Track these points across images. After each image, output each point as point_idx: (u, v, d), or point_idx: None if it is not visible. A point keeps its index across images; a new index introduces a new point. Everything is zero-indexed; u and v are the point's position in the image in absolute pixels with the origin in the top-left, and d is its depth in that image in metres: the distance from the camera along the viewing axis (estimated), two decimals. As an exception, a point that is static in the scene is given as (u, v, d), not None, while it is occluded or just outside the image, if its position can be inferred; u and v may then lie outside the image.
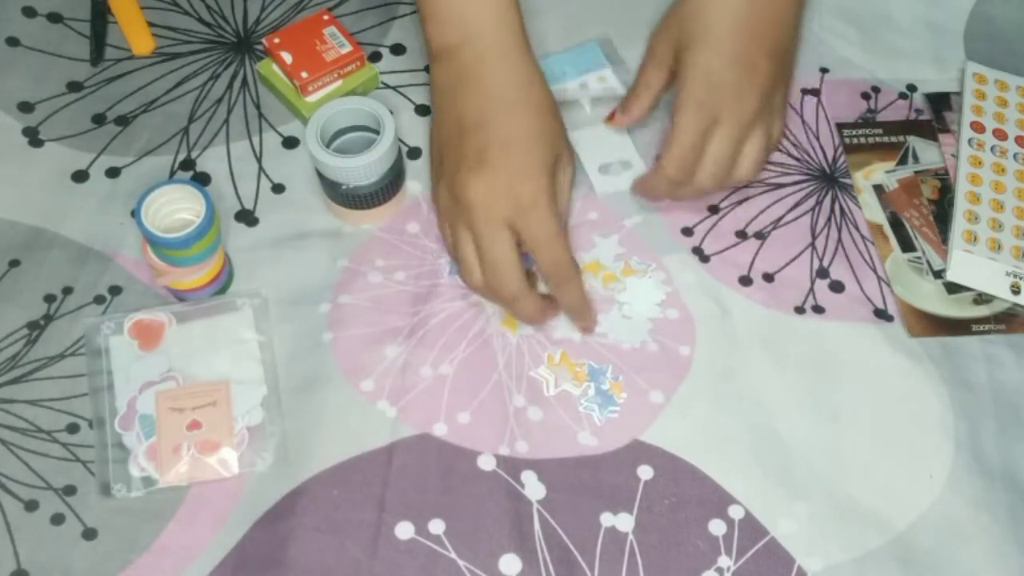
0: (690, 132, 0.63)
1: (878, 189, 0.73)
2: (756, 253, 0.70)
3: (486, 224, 0.60)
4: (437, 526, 0.59)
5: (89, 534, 0.58)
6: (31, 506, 0.59)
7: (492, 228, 0.60)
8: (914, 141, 0.75)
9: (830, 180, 0.73)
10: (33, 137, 0.73)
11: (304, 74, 0.72)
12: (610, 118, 0.72)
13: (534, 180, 0.60)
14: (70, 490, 0.59)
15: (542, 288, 0.66)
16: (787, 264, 0.69)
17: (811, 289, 0.68)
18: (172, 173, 0.72)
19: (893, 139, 0.75)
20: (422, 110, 0.75)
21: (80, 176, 0.71)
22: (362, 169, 0.64)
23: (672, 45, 0.66)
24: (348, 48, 0.73)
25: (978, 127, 0.75)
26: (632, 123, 0.71)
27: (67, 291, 0.66)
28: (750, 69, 0.63)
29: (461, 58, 0.63)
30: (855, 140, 0.75)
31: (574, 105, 0.75)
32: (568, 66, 0.77)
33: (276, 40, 0.73)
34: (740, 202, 0.72)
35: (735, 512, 0.60)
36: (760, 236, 0.70)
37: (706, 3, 0.64)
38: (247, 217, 0.70)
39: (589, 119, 0.74)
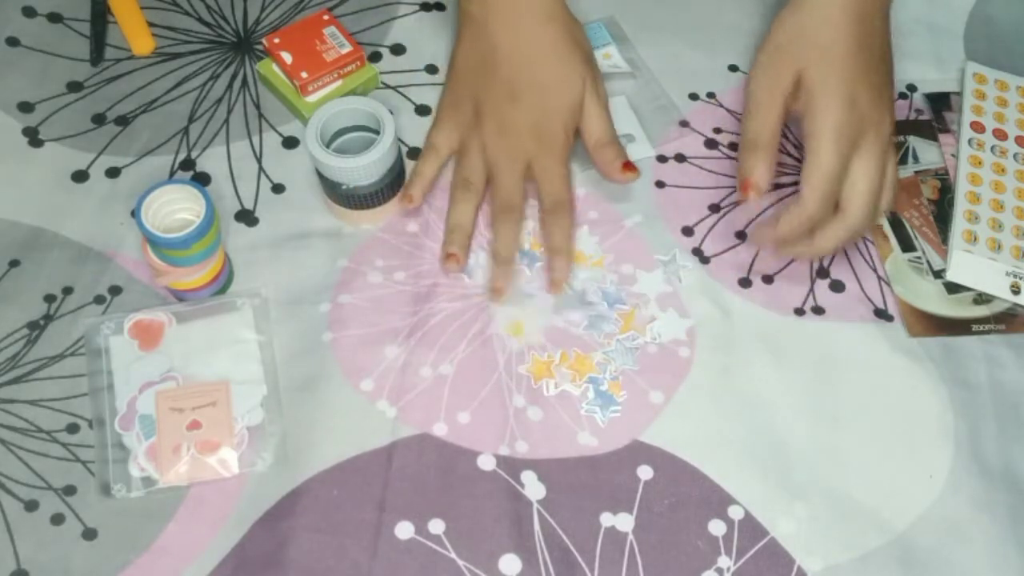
0: (833, 160, 0.60)
1: (878, 189, 0.73)
2: (756, 253, 0.70)
3: (508, 154, 0.67)
4: (437, 526, 0.59)
5: (89, 534, 0.58)
6: (31, 506, 0.59)
7: (512, 158, 0.67)
8: (914, 141, 0.75)
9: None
10: (33, 137, 0.73)
11: (304, 74, 0.72)
12: (744, 188, 0.64)
13: (558, 122, 0.67)
14: (70, 490, 0.59)
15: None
16: (787, 264, 0.69)
17: (811, 289, 0.68)
18: (172, 173, 0.72)
19: (893, 139, 0.75)
20: (422, 110, 0.75)
21: (80, 176, 0.71)
22: (362, 169, 0.64)
23: (789, 75, 0.64)
24: (348, 48, 0.73)
25: (978, 127, 0.75)
26: (768, 186, 0.64)
27: (67, 291, 0.66)
28: (879, 89, 0.62)
29: None
30: (855, 140, 0.75)
31: None
32: None
33: (276, 40, 0.73)
34: (740, 203, 0.72)
35: (735, 512, 0.60)
36: (760, 236, 0.70)
37: (813, 24, 0.64)
38: (247, 217, 0.70)
39: None
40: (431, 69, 0.77)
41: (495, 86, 0.68)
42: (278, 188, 0.71)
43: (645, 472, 0.61)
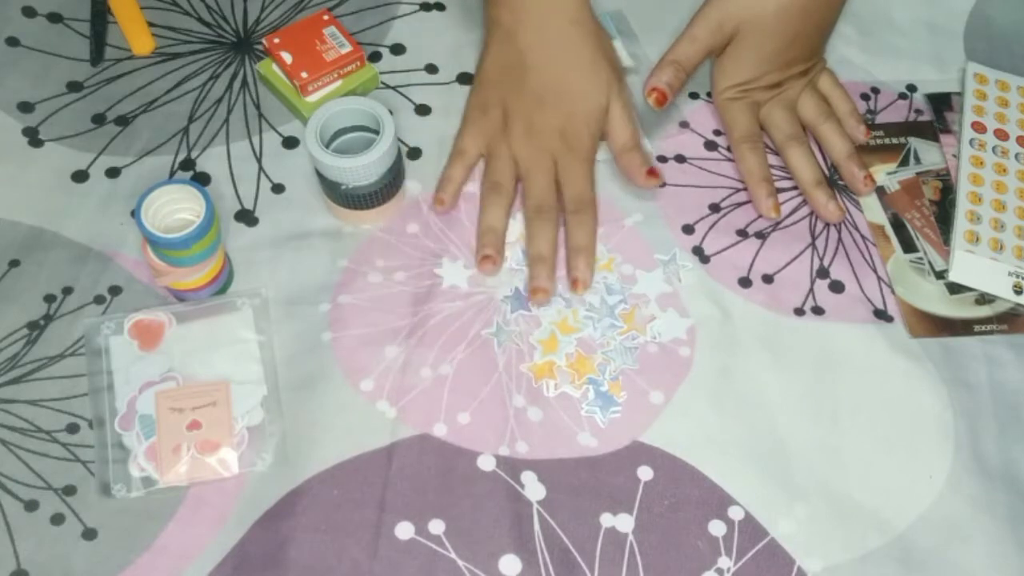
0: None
1: (879, 190, 0.73)
2: (756, 253, 0.70)
3: (537, 156, 0.69)
4: (437, 526, 0.59)
5: (89, 534, 0.58)
6: (31, 506, 0.59)
7: (541, 159, 0.69)
8: (915, 143, 0.75)
9: (830, 182, 0.73)
10: (33, 137, 0.73)
11: (304, 74, 0.72)
12: (649, 93, 0.70)
13: (582, 125, 0.70)
14: (70, 490, 0.59)
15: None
16: (787, 264, 0.69)
17: (811, 289, 0.68)
18: (172, 173, 0.72)
19: (894, 141, 0.75)
20: (422, 110, 0.75)
21: (80, 176, 0.71)
22: (362, 169, 0.64)
23: (730, 29, 0.70)
24: (348, 48, 0.73)
25: (979, 127, 0.75)
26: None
27: (67, 291, 0.66)
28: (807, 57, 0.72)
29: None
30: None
31: None
32: None
33: (276, 40, 0.73)
34: (741, 204, 0.72)
35: (735, 513, 0.60)
36: (760, 236, 0.70)
37: None
38: (247, 217, 0.70)
39: None
40: (431, 69, 0.77)
41: (523, 91, 0.70)
42: (278, 188, 0.71)
43: (645, 473, 0.61)
